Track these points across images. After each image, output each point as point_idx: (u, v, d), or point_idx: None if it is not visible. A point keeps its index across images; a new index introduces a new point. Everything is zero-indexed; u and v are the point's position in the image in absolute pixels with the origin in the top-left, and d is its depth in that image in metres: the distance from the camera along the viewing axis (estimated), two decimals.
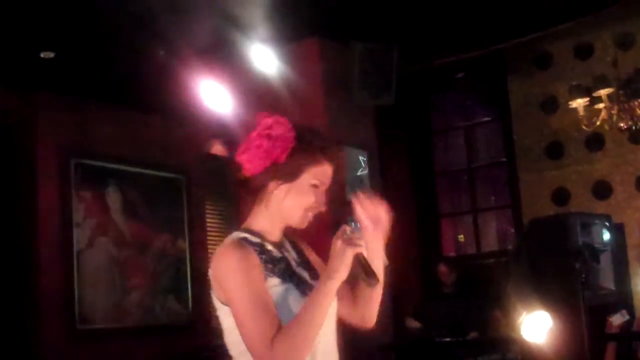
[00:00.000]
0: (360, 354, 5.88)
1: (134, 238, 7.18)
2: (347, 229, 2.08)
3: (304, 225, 2.21)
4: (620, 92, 6.26)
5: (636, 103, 6.20)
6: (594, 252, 5.33)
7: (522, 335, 5.38)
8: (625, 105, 6.25)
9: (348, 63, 6.01)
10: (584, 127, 6.45)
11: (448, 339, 6.48)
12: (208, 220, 7.95)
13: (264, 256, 2.13)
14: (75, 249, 6.75)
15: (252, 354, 2.04)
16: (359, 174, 6.37)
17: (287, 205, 2.18)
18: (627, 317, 6.11)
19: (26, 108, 6.63)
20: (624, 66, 6.49)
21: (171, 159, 7.52)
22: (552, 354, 5.19)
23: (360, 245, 2.05)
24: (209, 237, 7.91)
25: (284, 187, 2.17)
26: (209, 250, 7.90)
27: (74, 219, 6.78)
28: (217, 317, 2.19)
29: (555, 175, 7.20)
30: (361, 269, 2.06)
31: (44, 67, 6.18)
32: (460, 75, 7.54)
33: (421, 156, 8.14)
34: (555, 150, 7.22)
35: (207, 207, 7.95)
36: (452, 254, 8.11)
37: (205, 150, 7.74)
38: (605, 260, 6.32)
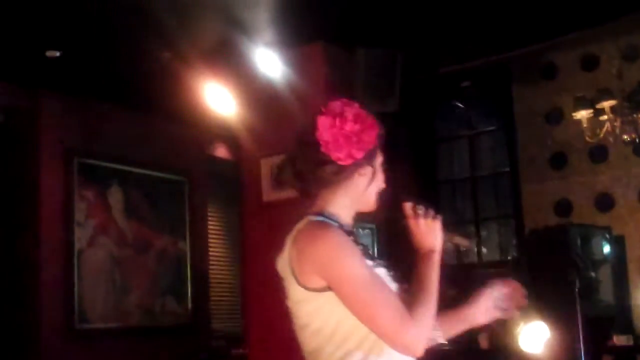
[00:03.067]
0: None
1: (135, 238, 7.20)
2: (415, 206, 2.15)
3: (375, 207, 2.21)
4: (625, 104, 6.24)
5: None
6: (590, 264, 5.33)
7: (519, 346, 5.37)
8: (629, 118, 6.23)
9: (352, 69, 6.01)
10: (587, 138, 6.43)
11: (446, 348, 6.44)
12: (209, 222, 7.98)
13: (351, 237, 2.08)
14: (76, 248, 6.77)
15: (389, 332, 1.96)
16: None
17: (370, 188, 2.17)
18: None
19: (31, 106, 6.65)
20: (629, 78, 6.47)
21: (174, 161, 7.54)
22: None
23: (439, 215, 2.14)
24: (210, 239, 7.93)
25: (369, 171, 2.15)
26: (210, 252, 7.92)
27: (76, 218, 6.81)
28: (290, 309, 2.13)
29: (558, 186, 7.16)
30: (452, 234, 2.22)
31: (49, 66, 6.20)
32: (465, 83, 7.53)
33: (424, 164, 8.12)
34: (558, 161, 7.19)
35: (209, 209, 7.97)
36: (453, 262, 8.08)
37: (208, 153, 7.76)
38: (605, 273, 6.31)
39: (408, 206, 2.15)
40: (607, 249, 6.40)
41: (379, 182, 2.19)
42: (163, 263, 7.43)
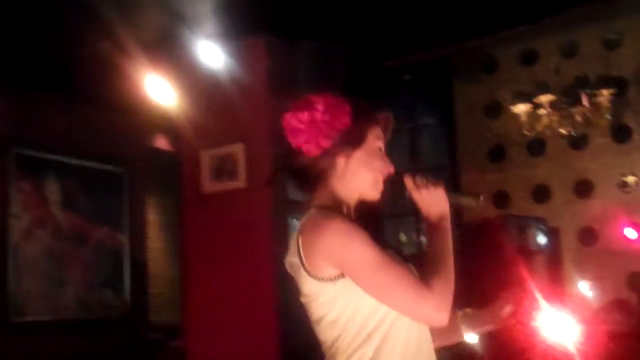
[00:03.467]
0: (298, 354, 5.90)
1: (73, 230, 7.07)
2: (414, 178, 2.12)
3: (378, 195, 2.16)
4: (562, 99, 6.36)
5: (576, 110, 6.31)
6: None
7: None
8: (566, 112, 6.35)
9: (294, 62, 6.00)
10: (525, 132, 6.54)
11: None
12: (148, 213, 7.89)
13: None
14: (11, 240, 6.63)
15: (408, 306, 1.97)
16: None
17: (362, 174, 2.12)
18: None
19: None
20: (567, 74, 6.60)
21: (113, 152, 7.42)
22: (486, 354, 5.25)
23: (440, 180, 2.10)
24: (148, 231, 7.85)
25: (354, 156, 2.11)
26: (149, 244, 7.84)
27: (12, 210, 6.66)
28: (305, 304, 2.11)
29: (496, 178, 7.27)
30: (458, 195, 2.17)
31: None
32: (407, 77, 7.56)
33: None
34: (497, 154, 7.30)
35: (148, 201, 7.88)
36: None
37: (147, 144, 7.67)
38: (540, 263, 6.45)
39: (408, 178, 2.13)
40: (542, 239, 6.55)
41: (377, 165, 2.14)
42: (101, 255, 7.31)
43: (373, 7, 5.72)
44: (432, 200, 2.10)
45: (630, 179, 6.86)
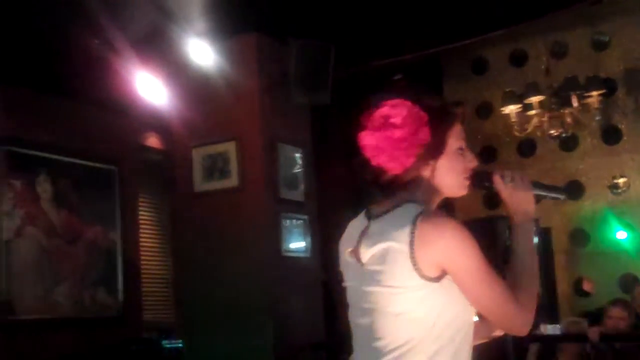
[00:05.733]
0: (291, 352, 5.91)
1: (65, 228, 7.07)
2: (503, 175, 2.12)
3: (465, 191, 2.16)
4: (552, 100, 6.39)
5: (566, 111, 6.34)
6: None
7: None
8: (556, 113, 6.39)
9: (285, 60, 6.02)
10: (516, 133, 6.57)
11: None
12: (140, 212, 7.90)
13: None
14: (3, 238, 6.63)
15: (501, 317, 2.04)
16: (294, 171, 6.38)
17: (447, 180, 2.11)
18: (558, 331, 6.10)
19: None
20: (556, 75, 6.63)
21: (105, 150, 7.43)
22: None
23: (526, 175, 2.13)
24: (141, 230, 7.86)
25: (438, 164, 2.09)
26: (141, 243, 7.85)
27: (3, 207, 6.67)
28: (383, 293, 2.04)
29: None
30: (545, 190, 2.18)
31: None
32: (398, 77, 7.58)
33: (357, 157, 8.17)
34: (488, 155, 7.32)
35: (140, 199, 7.89)
36: None
37: (139, 142, 7.69)
38: None
39: (497, 176, 2.13)
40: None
41: (459, 168, 2.12)
42: (93, 253, 7.32)
43: (364, 6, 5.74)
44: (520, 199, 2.11)
45: (621, 181, 6.89)
